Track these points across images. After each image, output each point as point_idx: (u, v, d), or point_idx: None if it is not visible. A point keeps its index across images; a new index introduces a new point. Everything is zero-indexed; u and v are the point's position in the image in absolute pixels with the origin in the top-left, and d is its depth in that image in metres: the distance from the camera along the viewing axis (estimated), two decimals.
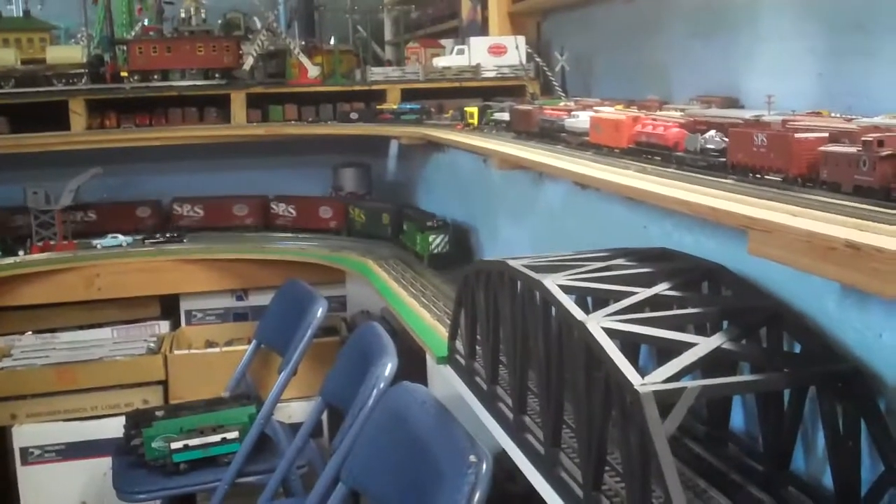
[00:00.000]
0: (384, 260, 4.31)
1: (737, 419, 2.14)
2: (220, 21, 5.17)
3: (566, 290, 1.98)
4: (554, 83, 4.30)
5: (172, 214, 5.20)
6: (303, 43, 5.18)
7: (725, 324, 1.90)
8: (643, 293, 1.95)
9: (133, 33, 5.15)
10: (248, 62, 4.99)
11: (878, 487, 1.62)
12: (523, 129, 3.44)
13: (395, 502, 2.41)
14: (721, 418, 2.07)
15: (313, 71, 4.95)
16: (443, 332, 3.03)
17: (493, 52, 4.83)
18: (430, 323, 3.23)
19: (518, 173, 3.43)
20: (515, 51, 4.76)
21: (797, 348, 1.86)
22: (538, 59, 4.67)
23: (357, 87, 4.94)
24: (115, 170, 5.06)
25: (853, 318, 1.79)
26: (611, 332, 1.76)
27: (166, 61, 4.87)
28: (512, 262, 2.22)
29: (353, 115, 4.75)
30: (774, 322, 1.86)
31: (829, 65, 2.71)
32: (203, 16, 5.02)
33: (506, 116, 3.72)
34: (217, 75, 4.95)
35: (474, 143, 3.48)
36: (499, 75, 4.82)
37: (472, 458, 2.08)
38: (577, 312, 1.85)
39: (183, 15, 5.01)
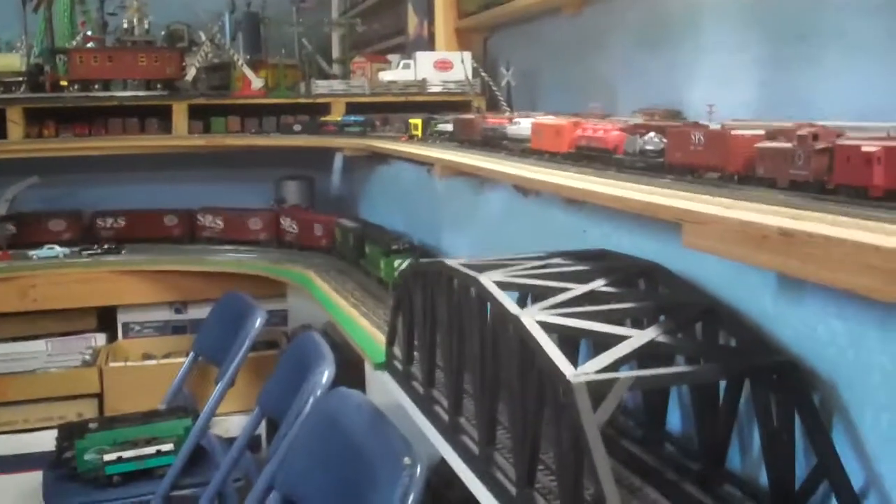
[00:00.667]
0: (326, 272, 4.25)
1: (674, 421, 2.12)
2: (163, 32, 5.11)
3: (502, 286, 1.95)
4: (500, 98, 4.30)
5: (95, 226, 5.14)
6: (248, 57, 5.14)
7: (662, 319, 1.88)
8: (579, 289, 1.93)
9: (74, 43, 5.08)
10: (191, 73, 4.94)
11: (811, 480, 1.61)
12: (466, 137, 3.42)
13: None
14: (658, 419, 2.05)
15: (257, 83, 4.91)
16: (382, 339, 2.99)
17: (440, 67, 4.82)
18: (369, 331, 3.19)
19: (460, 182, 3.41)
20: (461, 66, 4.76)
21: (733, 344, 1.84)
22: (484, 75, 4.68)
23: (301, 100, 4.90)
24: (52, 180, 4.96)
25: (789, 314, 1.78)
26: (545, 326, 1.73)
27: (108, 71, 4.80)
28: (448, 262, 2.19)
29: (297, 127, 4.71)
30: (710, 317, 1.85)
31: (772, 74, 2.73)
32: (146, 26, 4.96)
33: (449, 127, 3.70)
34: (159, 86, 4.89)
35: (417, 151, 3.45)
36: (445, 90, 4.82)
37: (407, 460, 2.04)
38: (512, 307, 1.82)
39: (125, 25, 4.95)
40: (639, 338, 1.70)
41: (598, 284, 1.97)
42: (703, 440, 1.86)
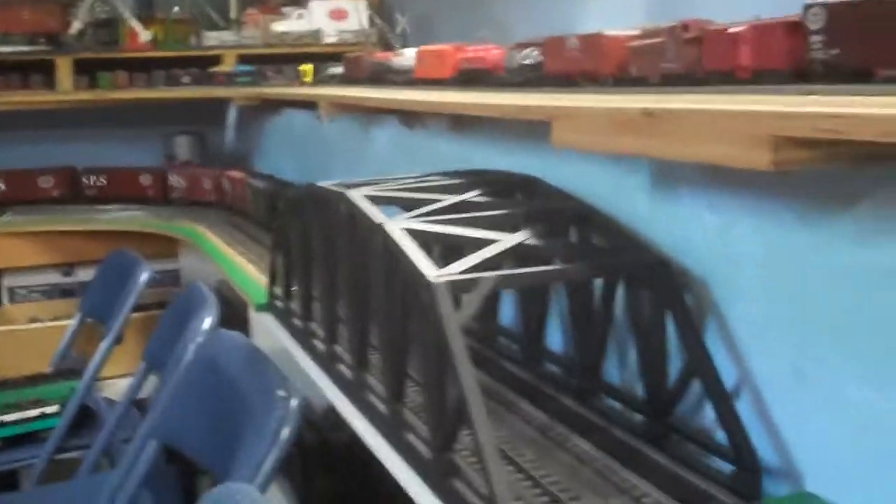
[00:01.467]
0: (217, 226, 4.10)
1: (555, 341, 2.06)
2: None
3: (373, 200, 1.86)
4: (395, 47, 4.20)
5: None
6: (137, 12, 4.95)
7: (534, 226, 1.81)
8: (451, 199, 1.85)
9: None
10: (76, 27, 4.73)
11: (682, 380, 1.55)
12: (355, 76, 3.31)
13: (207, 450, 2.26)
14: (537, 339, 1.98)
15: (144, 35, 4.71)
16: None
17: (334, 16, 4.69)
18: (256, 277, 3.06)
19: (347, 122, 3.31)
20: (356, 14, 4.64)
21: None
22: (379, 23, 4.56)
23: (191, 53, 4.72)
24: None
25: (662, 214, 1.73)
26: (411, 233, 1.65)
27: None
28: (320, 183, 2.09)
29: (186, 79, 4.54)
30: (584, 222, 1.78)
31: (660, 5, 2.69)
32: None
33: (340, 70, 3.59)
34: (42, 41, 4.67)
35: (304, 91, 3.34)
36: (340, 40, 4.68)
37: (281, 392, 1.94)
38: (377, 216, 1.73)
39: None
40: (507, 241, 1.62)
41: (472, 195, 1.89)
42: (581, 354, 1.79)
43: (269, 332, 2.69)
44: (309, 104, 3.44)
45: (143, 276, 3.57)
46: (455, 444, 1.49)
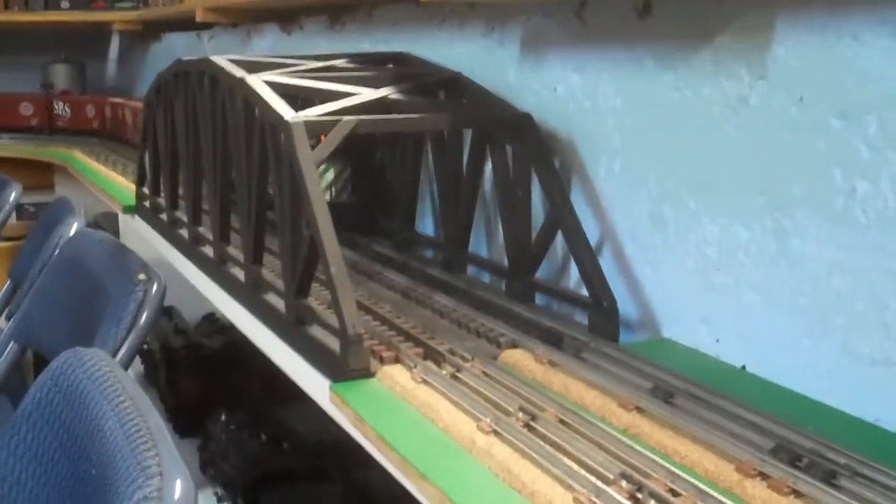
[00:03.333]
0: (94, 152, 3.94)
1: (427, 227, 2.03)
2: None
3: (236, 64, 1.78)
4: None
5: None
6: None
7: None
8: (318, 63, 1.80)
9: None
10: None
11: (546, 232, 1.53)
12: None
13: (67, 343, 2.16)
14: (409, 220, 1.94)
15: None
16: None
17: None
18: (126, 187, 2.94)
19: (229, 37, 3.24)
20: None
21: None
22: None
23: None
24: None
25: (531, 81, 1.71)
26: (272, 85, 1.59)
27: None
28: (186, 58, 2.01)
29: (64, 4, 4.37)
30: (452, 84, 1.75)
31: None
32: None
33: None
34: None
35: (183, 9, 3.23)
36: None
37: (142, 276, 1.86)
38: (238, 72, 1.67)
39: None
40: (371, 93, 1.58)
41: (340, 62, 1.84)
42: (448, 228, 1.76)
43: (136, 234, 2.60)
44: (191, 24, 3.34)
45: (13, 195, 3.43)
46: (309, 291, 1.44)
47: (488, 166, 1.65)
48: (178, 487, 0.85)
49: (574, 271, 1.52)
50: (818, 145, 1.16)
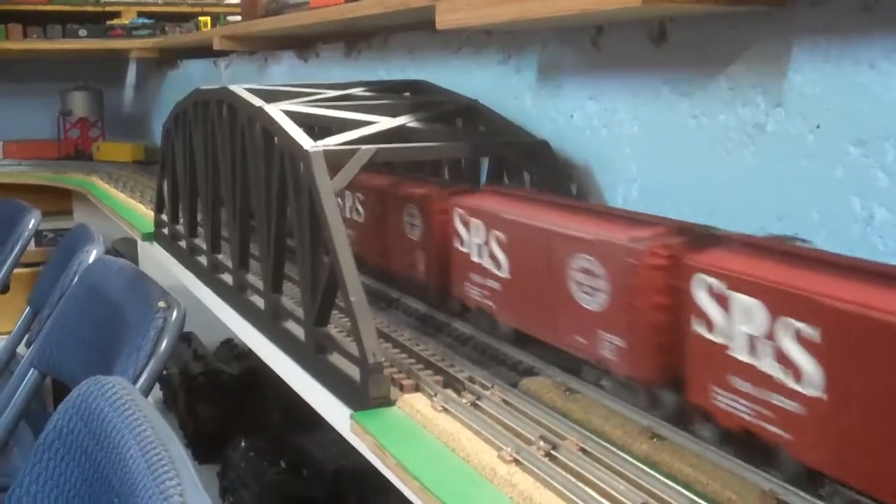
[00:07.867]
0: (113, 179, 3.97)
1: None
2: None
3: (255, 94, 1.80)
4: None
5: None
6: None
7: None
8: (336, 92, 1.81)
9: None
10: None
11: None
12: (251, 15, 3.25)
13: (87, 371, 2.17)
14: None
15: None
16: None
17: None
18: (145, 213, 2.97)
19: (245, 64, 3.26)
20: None
21: None
22: None
23: (89, 8, 4.58)
24: None
25: (548, 108, 1.72)
26: (290, 115, 1.60)
27: None
28: (205, 88, 2.03)
29: (82, 32, 4.41)
30: (469, 112, 1.76)
31: None
32: None
33: (238, 18, 3.52)
34: None
35: (201, 34, 3.26)
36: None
37: (162, 303, 1.88)
38: (256, 101, 1.68)
39: None
40: (389, 122, 1.59)
41: (357, 91, 1.86)
42: None
43: (155, 261, 2.62)
44: (207, 51, 3.37)
45: (32, 222, 3.45)
46: (329, 319, 1.45)
47: None
48: None
49: None
50: (836, 172, 1.16)
